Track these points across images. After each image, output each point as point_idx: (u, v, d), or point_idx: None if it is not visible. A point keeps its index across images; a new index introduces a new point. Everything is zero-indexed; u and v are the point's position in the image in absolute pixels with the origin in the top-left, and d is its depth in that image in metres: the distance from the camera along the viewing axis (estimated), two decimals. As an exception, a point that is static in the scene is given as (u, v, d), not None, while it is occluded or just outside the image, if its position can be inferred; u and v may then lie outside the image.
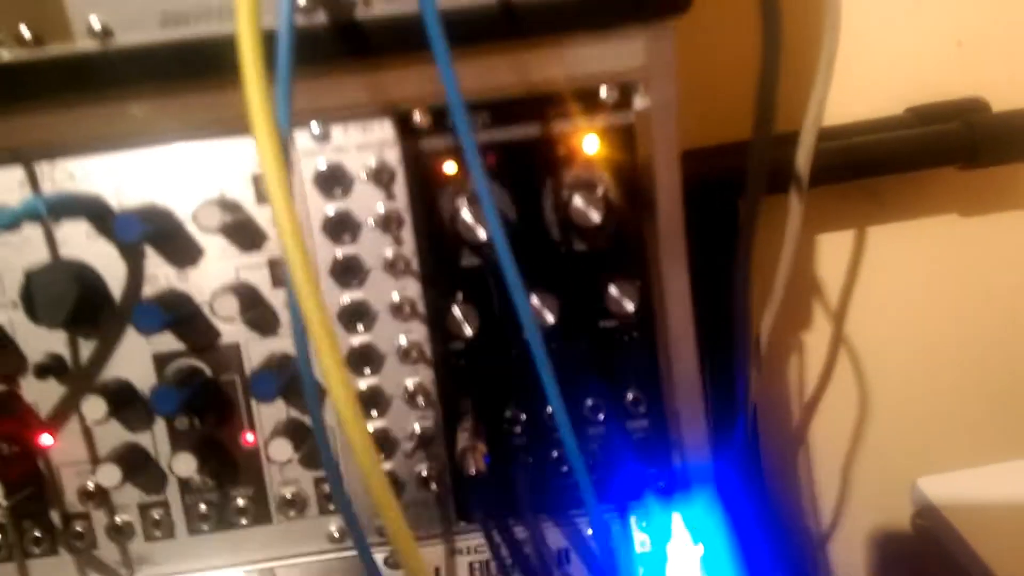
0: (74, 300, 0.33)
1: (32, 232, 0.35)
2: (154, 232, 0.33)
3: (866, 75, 0.61)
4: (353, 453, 0.21)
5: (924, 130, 0.60)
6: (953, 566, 0.53)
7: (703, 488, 0.35)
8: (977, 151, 0.57)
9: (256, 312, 0.36)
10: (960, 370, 0.70)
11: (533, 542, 0.35)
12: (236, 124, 0.33)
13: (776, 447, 0.73)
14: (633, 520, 0.35)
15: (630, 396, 0.36)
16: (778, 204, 0.56)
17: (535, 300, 0.33)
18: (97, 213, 0.34)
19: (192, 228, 0.35)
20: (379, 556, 0.35)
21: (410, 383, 0.36)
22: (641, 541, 0.35)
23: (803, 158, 0.48)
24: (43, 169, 0.34)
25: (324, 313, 0.21)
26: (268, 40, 0.25)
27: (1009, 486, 0.55)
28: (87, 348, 0.35)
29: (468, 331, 0.34)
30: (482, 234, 0.33)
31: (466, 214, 0.33)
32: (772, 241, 0.55)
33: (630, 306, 0.34)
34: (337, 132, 0.34)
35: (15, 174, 0.34)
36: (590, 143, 0.34)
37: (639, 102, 0.34)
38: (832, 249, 0.67)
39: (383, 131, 0.34)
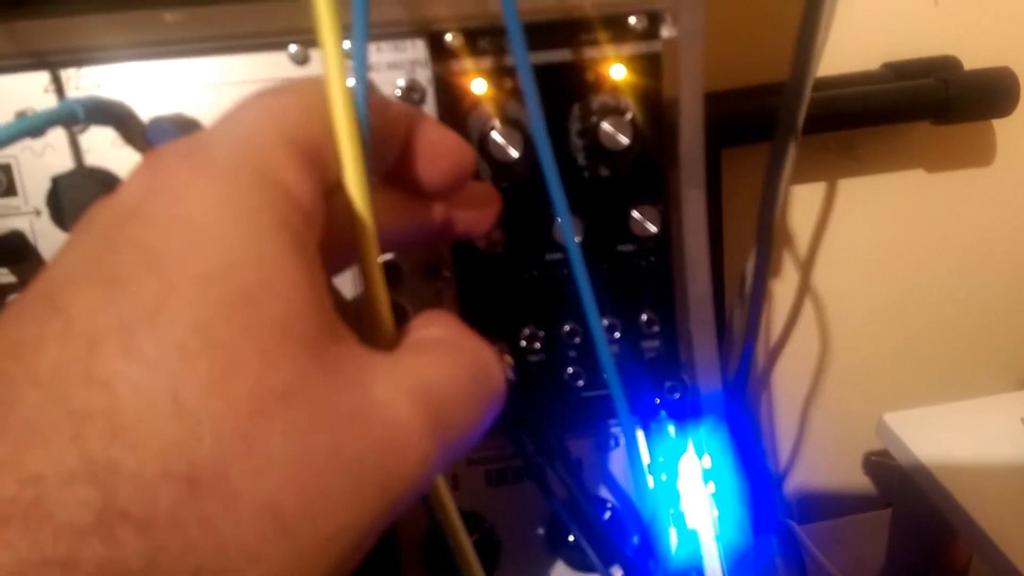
0: (103, 207, 0.33)
1: (55, 138, 0.34)
2: (185, 142, 0.33)
3: (846, 30, 0.63)
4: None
5: (899, 85, 0.62)
6: (915, 499, 0.57)
7: (713, 408, 0.37)
8: (949, 107, 0.60)
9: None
10: (921, 322, 0.73)
11: (547, 452, 0.36)
12: (274, 37, 0.34)
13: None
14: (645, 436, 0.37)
15: (644, 317, 0.37)
16: (756, 153, 0.58)
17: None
18: (125, 121, 0.34)
19: (219, 141, 0.35)
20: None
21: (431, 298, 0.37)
22: (654, 455, 0.37)
23: (801, 105, 0.50)
24: (68, 75, 0.34)
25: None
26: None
27: (969, 422, 0.58)
28: (111, 258, 0.35)
29: (498, 247, 0.35)
30: (513, 154, 0.34)
31: (497, 135, 0.34)
32: (750, 189, 0.57)
33: (653, 228, 0.35)
34: (373, 50, 0.35)
35: (39, 79, 0.33)
36: (617, 70, 0.35)
37: (666, 31, 0.35)
38: (804, 200, 0.69)
39: (415, 51, 0.35)
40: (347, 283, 0.27)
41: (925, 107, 0.61)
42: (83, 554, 0.13)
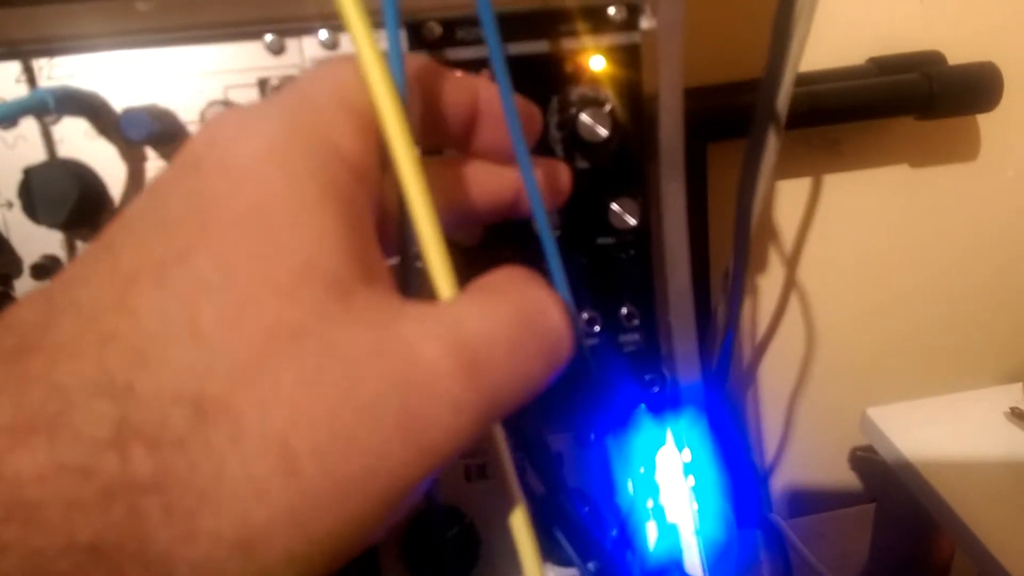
0: (76, 198, 0.32)
1: (27, 130, 0.34)
2: (160, 132, 0.33)
3: (830, 24, 0.63)
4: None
5: (884, 79, 0.62)
6: (899, 493, 0.57)
7: (693, 401, 0.37)
8: (933, 102, 0.60)
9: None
10: (906, 317, 0.74)
11: (526, 447, 0.36)
12: (250, 26, 0.34)
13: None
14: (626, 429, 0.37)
15: (624, 311, 0.37)
16: (742, 148, 0.58)
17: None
18: (98, 111, 0.33)
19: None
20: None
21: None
22: (633, 448, 0.37)
23: (782, 99, 0.50)
24: (40, 65, 0.33)
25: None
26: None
27: (952, 417, 0.58)
28: (85, 250, 0.35)
29: (474, 240, 0.35)
30: (491, 145, 0.34)
31: (475, 126, 0.34)
32: (735, 184, 0.57)
33: (632, 221, 0.35)
34: (346, 40, 0.34)
35: (11, 69, 0.33)
36: (596, 61, 0.35)
37: (646, 22, 0.35)
38: (789, 195, 0.69)
39: (393, 41, 0.34)
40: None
41: (909, 102, 0.61)
42: (99, 464, 0.14)
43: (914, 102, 0.61)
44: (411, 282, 0.20)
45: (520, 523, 0.22)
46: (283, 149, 0.17)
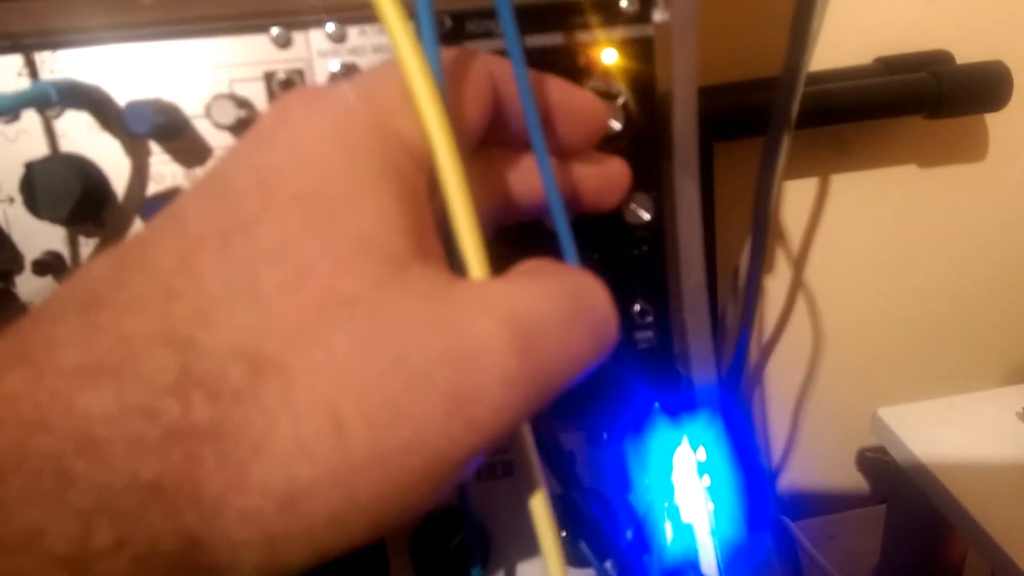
0: (79, 193, 0.32)
1: (29, 124, 0.33)
2: (164, 126, 0.32)
3: (838, 24, 0.63)
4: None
5: (892, 79, 0.62)
6: (911, 494, 0.56)
7: (708, 400, 0.36)
8: (942, 101, 0.60)
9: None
10: (914, 317, 0.73)
11: (539, 446, 0.35)
12: (256, 19, 0.33)
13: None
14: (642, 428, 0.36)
15: (637, 308, 0.36)
16: (747, 147, 0.58)
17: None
18: (101, 105, 0.33)
19: (200, 126, 0.34)
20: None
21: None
22: (648, 447, 0.36)
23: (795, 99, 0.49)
24: (43, 59, 0.33)
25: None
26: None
27: (964, 417, 0.58)
28: (88, 246, 0.34)
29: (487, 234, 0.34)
30: (503, 139, 0.33)
31: (486, 120, 0.33)
32: (741, 183, 0.57)
33: (646, 216, 0.34)
34: (353, 33, 0.34)
35: (12, 63, 0.32)
36: (609, 54, 0.34)
37: (659, 15, 0.34)
38: (796, 195, 0.69)
39: (401, 33, 0.34)
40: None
41: (917, 101, 0.61)
42: (162, 408, 0.15)
43: (923, 102, 0.60)
44: (456, 264, 0.21)
45: (541, 510, 0.22)
46: (344, 130, 0.18)
